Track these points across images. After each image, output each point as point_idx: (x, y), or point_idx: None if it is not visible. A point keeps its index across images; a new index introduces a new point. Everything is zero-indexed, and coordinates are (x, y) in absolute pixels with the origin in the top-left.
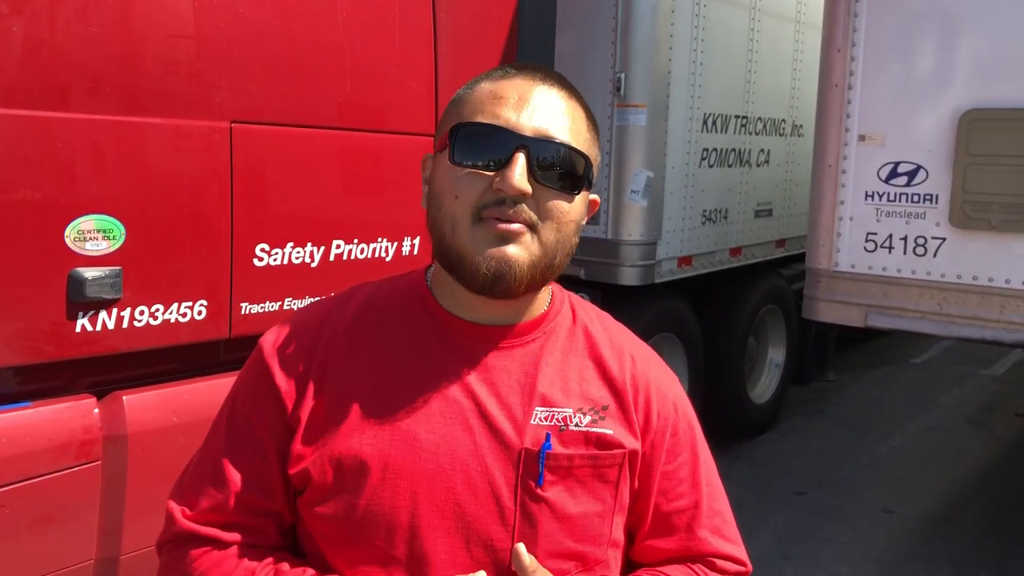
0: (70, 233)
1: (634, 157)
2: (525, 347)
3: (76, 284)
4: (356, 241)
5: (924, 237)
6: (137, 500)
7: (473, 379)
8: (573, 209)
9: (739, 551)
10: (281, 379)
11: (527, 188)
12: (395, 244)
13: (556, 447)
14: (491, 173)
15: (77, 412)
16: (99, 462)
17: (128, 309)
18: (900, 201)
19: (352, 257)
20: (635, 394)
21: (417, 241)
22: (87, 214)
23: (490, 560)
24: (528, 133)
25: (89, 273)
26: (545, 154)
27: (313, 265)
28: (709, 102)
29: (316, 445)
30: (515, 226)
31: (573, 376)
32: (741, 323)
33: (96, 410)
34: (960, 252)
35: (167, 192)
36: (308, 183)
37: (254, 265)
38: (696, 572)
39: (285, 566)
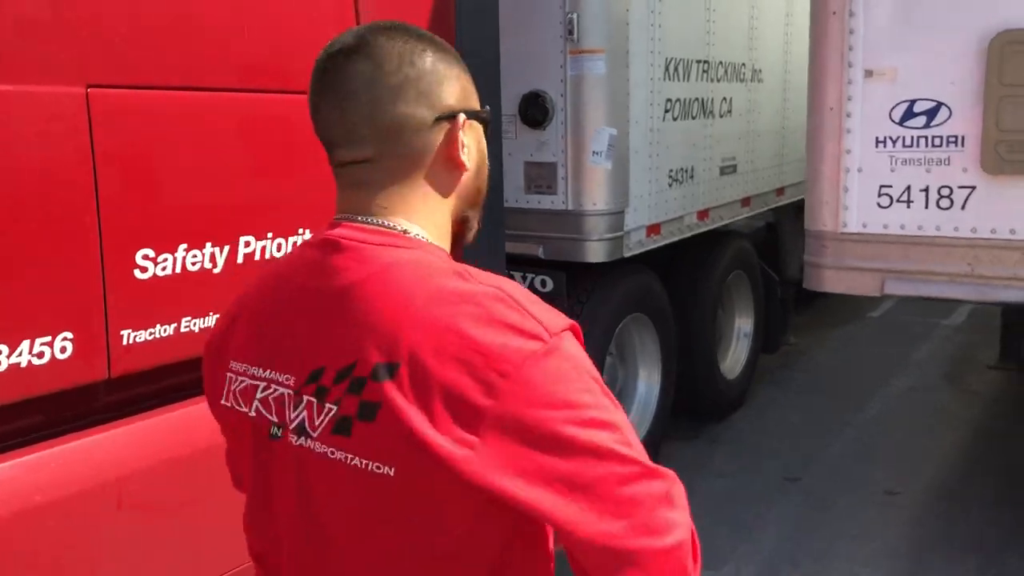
0: None
1: (594, 112)
2: None
3: None
4: (271, 236)
5: (949, 187)
6: None
7: None
8: None
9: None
10: None
11: None
12: None
13: None
14: None
15: None
16: None
17: None
18: (918, 146)
19: (268, 256)
20: None
21: None
22: None
23: None
24: None
25: None
26: None
27: (216, 271)
28: (670, 45)
29: None
30: None
31: None
32: (710, 293)
33: None
34: (994, 202)
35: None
36: (203, 164)
37: (135, 278)
38: None
39: None
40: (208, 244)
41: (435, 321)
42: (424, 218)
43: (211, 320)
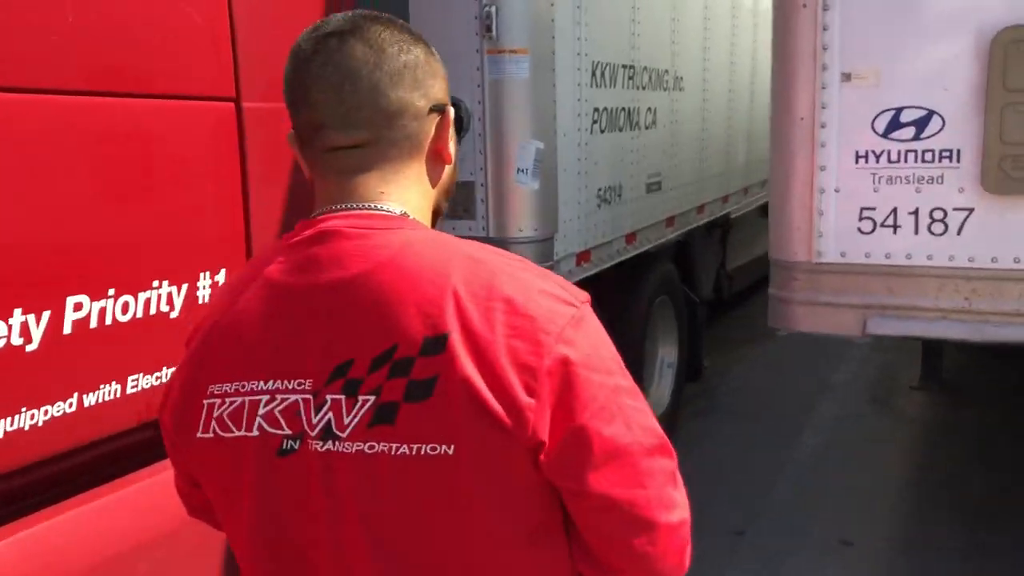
0: None
1: (517, 123)
2: None
3: None
4: (112, 293)
5: (943, 209)
6: None
7: None
8: None
9: None
10: None
11: None
12: (185, 288)
13: None
14: None
15: None
16: None
17: None
18: (906, 161)
19: (108, 322)
20: None
21: (221, 276)
22: None
23: None
24: None
25: None
26: None
27: (30, 348)
28: (597, 47)
29: None
30: None
31: None
32: (638, 323)
33: None
34: (995, 226)
35: None
36: (11, 191)
37: None
38: None
39: None
40: (17, 311)
41: (477, 290)
42: (414, 206)
43: (24, 419)
